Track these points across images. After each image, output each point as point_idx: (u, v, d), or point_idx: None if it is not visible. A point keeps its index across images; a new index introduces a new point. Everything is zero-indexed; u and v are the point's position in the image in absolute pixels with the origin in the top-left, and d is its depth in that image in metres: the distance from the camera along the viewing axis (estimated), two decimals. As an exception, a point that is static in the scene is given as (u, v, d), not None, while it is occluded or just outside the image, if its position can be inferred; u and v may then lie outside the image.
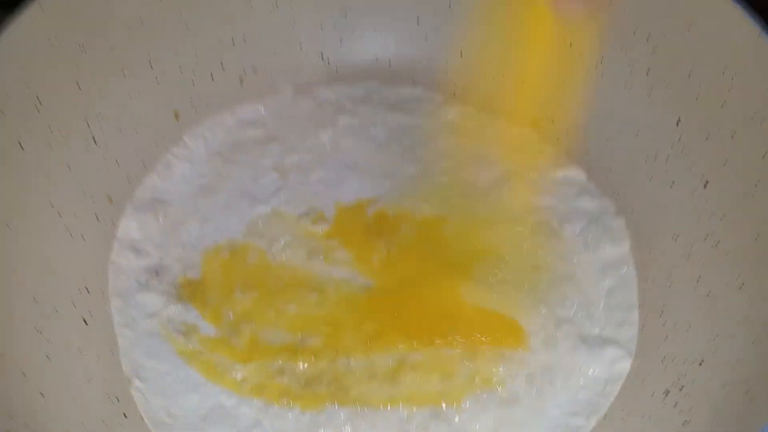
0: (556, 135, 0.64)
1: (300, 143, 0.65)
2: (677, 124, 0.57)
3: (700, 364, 0.50)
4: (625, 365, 0.54)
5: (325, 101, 0.67)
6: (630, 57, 0.59)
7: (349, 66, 0.68)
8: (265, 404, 0.53)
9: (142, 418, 0.52)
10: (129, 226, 0.59)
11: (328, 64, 0.68)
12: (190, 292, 0.57)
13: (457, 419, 0.52)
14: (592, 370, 0.54)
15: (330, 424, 0.52)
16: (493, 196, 0.61)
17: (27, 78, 0.52)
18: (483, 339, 0.54)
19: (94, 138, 0.58)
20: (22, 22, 0.51)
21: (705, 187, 0.55)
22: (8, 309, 0.48)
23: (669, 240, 0.56)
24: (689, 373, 0.50)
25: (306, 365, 0.54)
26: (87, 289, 0.55)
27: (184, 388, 0.53)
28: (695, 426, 0.48)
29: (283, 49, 0.67)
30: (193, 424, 0.52)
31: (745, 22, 0.50)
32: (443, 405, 0.52)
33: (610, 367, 0.54)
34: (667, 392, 0.51)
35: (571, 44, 0.58)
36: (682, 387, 0.50)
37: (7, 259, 0.50)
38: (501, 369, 0.53)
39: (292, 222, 0.60)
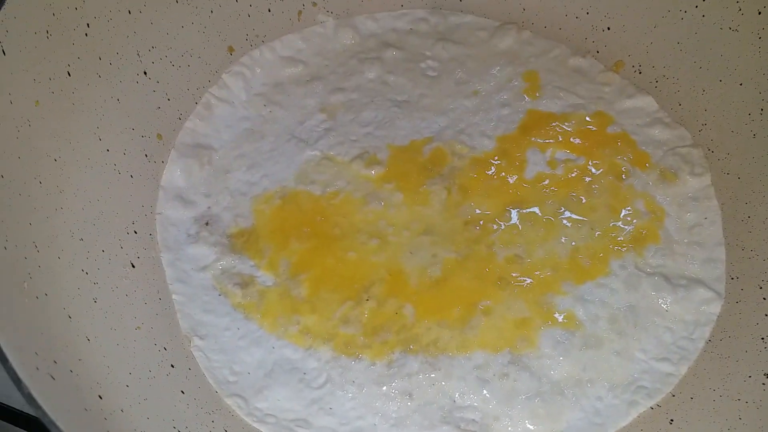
0: (643, 86, 0.57)
1: (344, 81, 0.60)
2: None
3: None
4: (714, 308, 0.50)
5: (367, 33, 0.63)
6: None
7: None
8: (333, 356, 0.50)
9: (204, 376, 0.50)
10: (173, 173, 0.56)
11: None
12: (243, 241, 0.54)
13: (537, 364, 0.49)
14: (677, 310, 0.50)
15: (402, 374, 0.49)
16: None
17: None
18: (555, 275, 0.51)
19: (145, 71, 0.54)
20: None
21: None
22: (55, 248, 0.45)
23: None
24: None
25: (370, 313, 0.51)
26: (135, 231, 0.52)
27: (246, 343, 0.51)
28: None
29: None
30: (258, 381, 0.50)
31: None
32: (521, 350, 0.49)
33: (697, 308, 0.51)
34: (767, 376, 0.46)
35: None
36: None
37: (54, 195, 0.46)
38: (581, 310, 0.50)
39: (344, 166, 0.57)
